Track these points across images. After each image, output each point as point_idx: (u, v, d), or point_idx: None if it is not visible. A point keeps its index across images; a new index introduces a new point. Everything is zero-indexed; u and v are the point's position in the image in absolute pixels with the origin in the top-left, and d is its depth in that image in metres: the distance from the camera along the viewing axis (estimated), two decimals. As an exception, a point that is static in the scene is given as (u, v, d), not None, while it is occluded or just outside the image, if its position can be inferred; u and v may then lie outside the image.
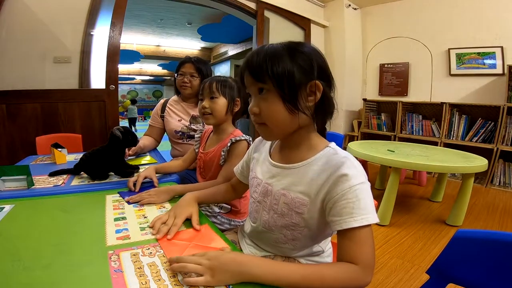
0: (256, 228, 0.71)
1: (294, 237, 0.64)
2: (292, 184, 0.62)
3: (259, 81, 0.59)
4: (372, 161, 2.30)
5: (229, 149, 1.02)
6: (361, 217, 0.52)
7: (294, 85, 0.57)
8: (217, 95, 1.04)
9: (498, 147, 2.94)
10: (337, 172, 0.55)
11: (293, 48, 0.58)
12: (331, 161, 0.58)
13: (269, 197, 0.66)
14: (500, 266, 0.52)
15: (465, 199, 2.03)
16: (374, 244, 0.55)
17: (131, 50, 7.95)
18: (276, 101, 0.58)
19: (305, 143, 0.63)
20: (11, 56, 2.01)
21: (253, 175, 0.73)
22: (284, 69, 0.56)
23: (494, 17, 3.16)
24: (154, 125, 1.66)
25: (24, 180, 0.96)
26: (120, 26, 2.32)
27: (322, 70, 0.59)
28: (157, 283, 0.48)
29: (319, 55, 0.60)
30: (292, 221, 0.62)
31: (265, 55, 0.57)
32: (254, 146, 0.79)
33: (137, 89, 14.70)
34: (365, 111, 4.03)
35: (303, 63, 0.57)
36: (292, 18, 3.64)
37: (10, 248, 0.59)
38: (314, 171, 0.60)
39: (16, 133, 2.02)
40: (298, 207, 0.60)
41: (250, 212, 0.75)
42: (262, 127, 0.62)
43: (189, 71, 1.54)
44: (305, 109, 0.58)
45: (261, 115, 0.60)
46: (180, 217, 0.70)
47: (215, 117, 1.05)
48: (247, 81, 0.62)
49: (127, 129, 1.11)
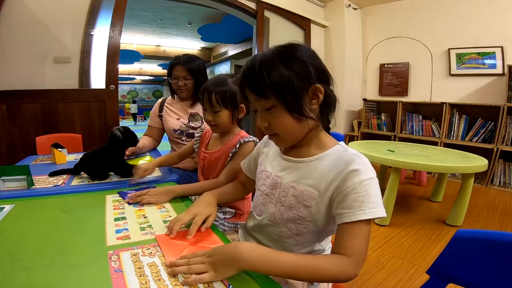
0: (261, 222, 0.71)
1: (298, 231, 0.64)
2: (302, 177, 0.63)
3: (262, 97, 0.60)
4: (372, 161, 2.28)
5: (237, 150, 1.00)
6: (370, 211, 0.54)
7: (296, 94, 0.58)
8: (219, 109, 0.98)
9: (498, 147, 2.94)
10: (348, 168, 0.57)
11: (285, 54, 0.59)
12: (341, 157, 0.60)
13: (277, 189, 0.67)
14: (500, 266, 0.52)
15: (465, 199, 2.03)
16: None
17: (131, 50, 7.95)
18: (283, 114, 0.60)
19: (314, 141, 0.65)
20: (11, 56, 2.01)
21: (262, 168, 0.74)
22: (282, 80, 0.57)
23: (494, 17, 3.16)
24: (153, 126, 1.66)
25: (24, 180, 0.96)
26: (120, 26, 2.32)
27: (319, 71, 0.60)
28: (157, 283, 0.48)
29: (313, 57, 0.61)
30: (299, 214, 0.63)
31: (260, 67, 0.58)
32: (264, 141, 0.80)
33: (137, 89, 14.72)
34: (365, 111, 4.03)
35: (298, 68, 0.58)
36: (292, 18, 3.64)
37: (10, 248, 0.59)
38: (324, 166, 0.61)
39: (16, 133, 2.02)
40: (307, 200, 0.61)
41: (256, 206, 0.75)
42: (274, 137, 0.65)
43: (181, 75, 1.49)
44: (311, 113, 0.60)
45: (271, 128, 0.63)
46: (201, 216, 0.69)
47: (220, 128, 1.03)
48: (250, 98, 0.63)
49: (127, 129, 1.11)
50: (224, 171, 1.01)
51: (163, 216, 0.78)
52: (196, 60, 1.53)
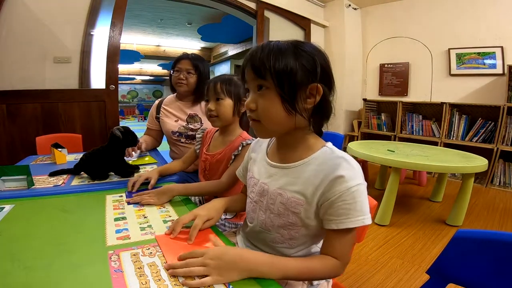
0: (253, 228, 0.71)
1: (291, 236, 0.64)
2: (288, 183, 0.62)
3: (259, 77, 0.58)
4: (372, 161, 2.30)
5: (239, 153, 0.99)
6: (356, 219, 0.55)
7: (295, 85, 0.56)
8: (223, 96, 1.00)
9: (498, 147, 2.94)
10: (333, 174, 0.55)
11: (298, 47, 0.57)
12: (327, 161, 0.59)
13: (265, 196, 0.66)
14: (500, 266, 0.52)
15: (465, 199, 2.03)
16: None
17: (131, 50, 7.94)
18: (275, 100, 0.58)
19: (301, 143, 0.63)
20: (11, 56, 2.01)
21: (250, 175, 0.73)
22: (286, 68, 0.55)
23: (494, 17, 3.16)
24: (151, 128, 1.64)
25: (24, 180, 0.96)
26: (120, 26, 2.32)
27: (325, 73, 0.59)
28: (157, 283, 0.48)
29: (323, 57, 0.60)
30: (289, 221, 0.62)
31: (269, 51, 0.57)
32: (251, 147, 0.79)
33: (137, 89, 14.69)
34: (365, 111, 4.03)
35: (306, 64, 0.57)
36: (292, 18, 3.64)
37: (10, 248, 0.59)
38: (310, 170, 0.60)
39: (16, 133, 2.02)
40: (295, 207, 0.61)
41: (248, 212, 0.74)
42: (256, 124, 0.62)
43: (185, 68, 1.49)
44: (303, 111, 0.58)
45: (257, 112, 0.60)
46: (200, 218, 0.68)
47: (221, 120, 1.02)
48: (247, 76, 0.61)
49: (127, 129, 1.11)
50: (226, 173, 1.00)
51: (163, 216, 0.78)
52: (204, 60, 1.57)
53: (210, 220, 0.71)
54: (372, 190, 2.83)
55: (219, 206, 0.76)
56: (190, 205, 0.87)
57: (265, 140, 0.75)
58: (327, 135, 0.68)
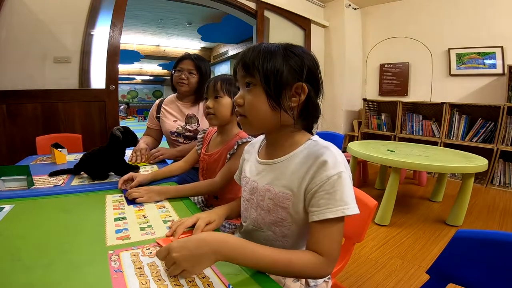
0: (247, 227, 0.71)
1: (283, 233, 0.64)
2: (275, 178, 0.63)
3: (248, 74, 0.61)
4: (372, 161, 2.30)
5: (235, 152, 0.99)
6: (337, 209, 0.53)
7: (281, 83, 0.58)
8: (222, 95, 1.00)
9: (498, 147, 2.94)
10: (316, 162, 0.56)
11: (288, 49, 0.60)
12: (312, 153, 0.59)
13: (255, 194, 0.67)
14: (500, 266, 0.52)
15: (465, 199, 2.03)
16: (342, 238, 0.58)
17: (131, 50, 7.95)
18: (261, 96, 0.60)
19: (288, 140, 0.65)
20: (11, 56, 2.01)
21: (243, 174, 0.74)
22: (273, 67, 0.58)
23: (494, 17, 3.16)
24: (151, 127, 1.65)
25: (24, 180, 0.96)
26: (120, 26, 2.32)
27: (312, 74, 0.61)
28: (157, 283, 0.48)
29: (312, 60, 0.62)
30: (278, 217, 0.63)
31: (259, 51, 0.60)
32: (246, 149, 0.81)
33: (137, 89, 14.69)
34: (365, 111, 4.03)
35: (294, 64, 0.59)
36: (292, 18, 3.64)
37: (10, 248, 0.59)
38: (296, 164, 0.61)
39: (16, 133, 2.02)
40: (283, 202, 0.61)
41: (242, 212, 0.75)
42: (242, 119, 0.65)
43: (187, 68, 1.49)
44: (288, 109, 0.60)
45: (244, 107, 0.63)
46: (202, 220, 0.69)
47: (218, 118, 1.02)
48: (238, 74, 0.64)
49: (127, 129, 1.11)
50: (220, 172, 1.00)
51: (163, 216, 0.78)
52: (206, 61, 1.57)
53: (212, 223, 0.71)
54: (372, 190, 2.83)
55: (220, 211, 0.77)
56: (189, 203, 0.87)
57: (258, 141, 0.76)
58: (327, 135, 0.68)
